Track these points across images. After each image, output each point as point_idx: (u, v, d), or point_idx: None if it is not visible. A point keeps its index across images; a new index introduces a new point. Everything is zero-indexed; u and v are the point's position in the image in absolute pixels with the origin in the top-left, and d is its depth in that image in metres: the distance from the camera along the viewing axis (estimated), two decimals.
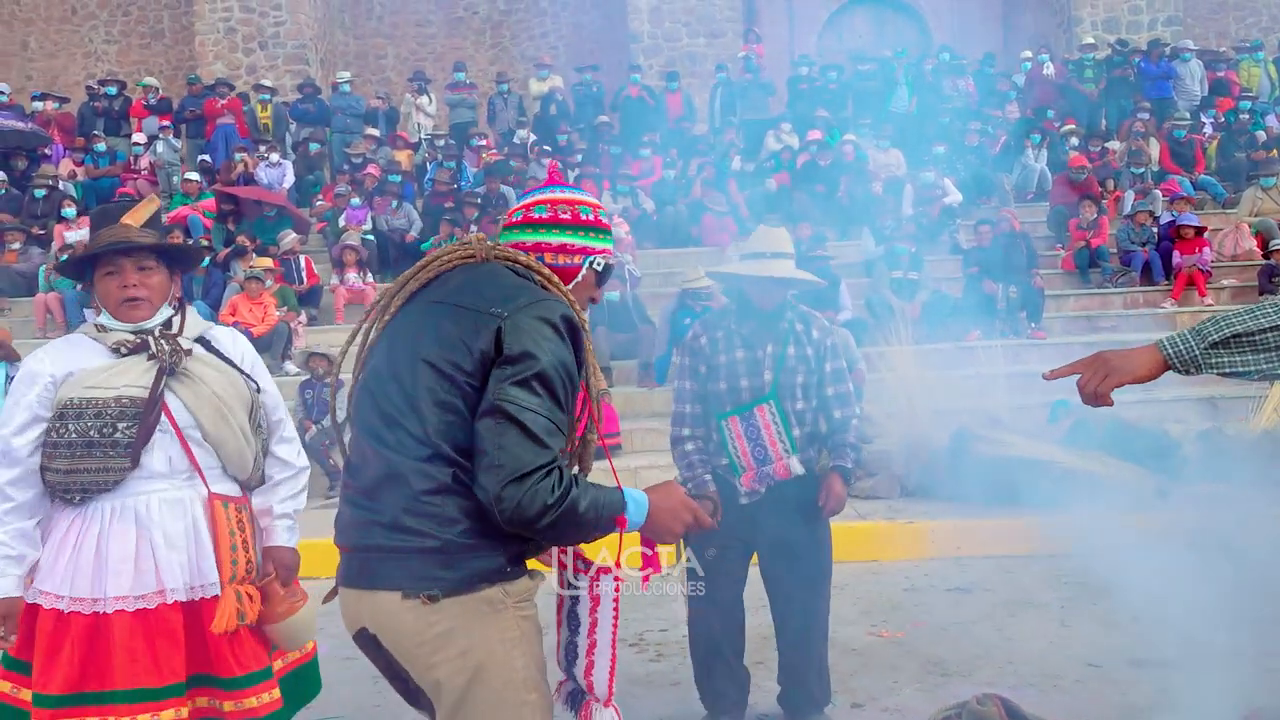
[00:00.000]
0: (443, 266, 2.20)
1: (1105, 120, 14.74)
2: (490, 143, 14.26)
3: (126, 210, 2.75)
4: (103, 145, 14.05)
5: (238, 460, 2.78)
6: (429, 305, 2.14)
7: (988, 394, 8.02)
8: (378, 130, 14.37)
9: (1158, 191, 12.23)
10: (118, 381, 2.64)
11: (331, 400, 2.49)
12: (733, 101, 14.77)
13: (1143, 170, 12.69)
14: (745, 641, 3.85)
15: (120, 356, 2.68)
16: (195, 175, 12.89)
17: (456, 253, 2.21)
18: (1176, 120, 13.63)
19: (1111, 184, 12.53)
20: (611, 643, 2.21)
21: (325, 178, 14.00)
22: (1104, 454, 6.88)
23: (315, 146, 14.11)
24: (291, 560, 2.90)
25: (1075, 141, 13.20)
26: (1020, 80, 15.10)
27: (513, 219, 2.28)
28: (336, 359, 2.36)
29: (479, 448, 1.97)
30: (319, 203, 12.85)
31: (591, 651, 2.22)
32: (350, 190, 12.25)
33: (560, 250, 2.23)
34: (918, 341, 8.97)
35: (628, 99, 14.87)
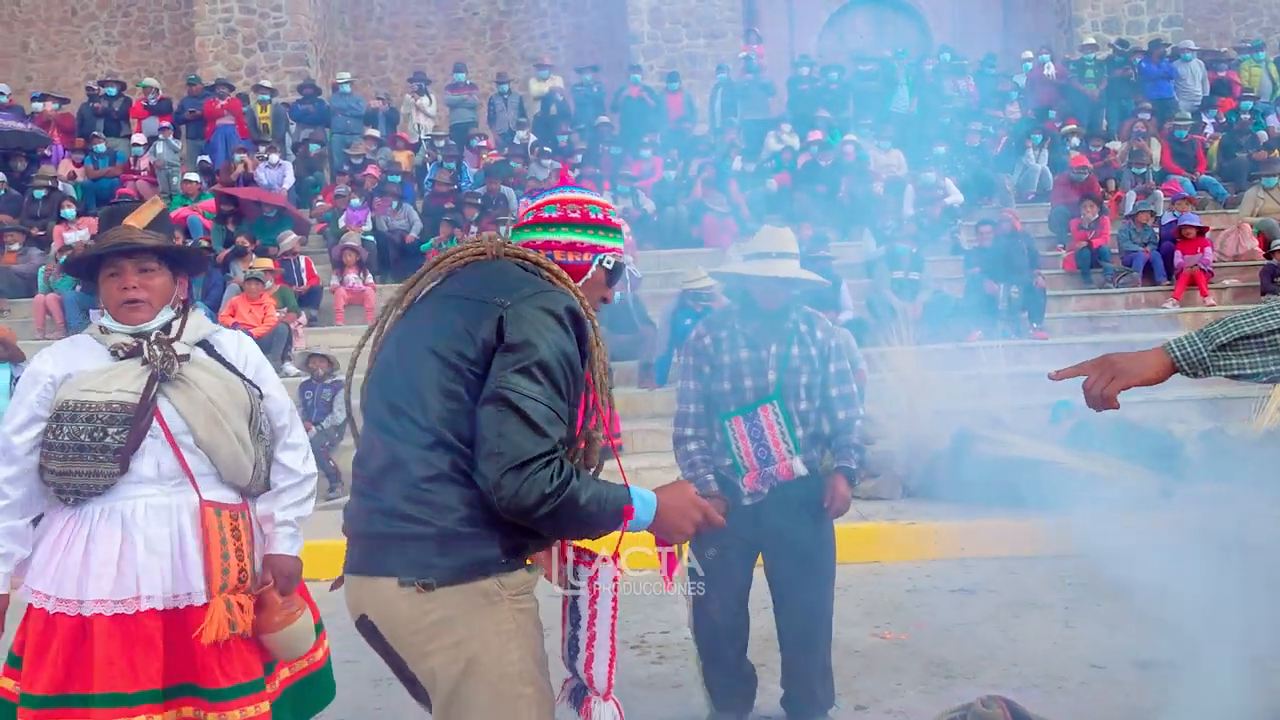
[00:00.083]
0: (455, 264, 2.25)
1: (1106, 120, 14.74)
2: (490, 143, 14.25)
3: (132, 211, 2.74)
4: (102, 146, 14.05)
5: (233, 467, 2.73)
6: (438, 300, 2.20)
7: (989, 395, 8.01)
8: (378, 131, 14.36)
9: (1159, 192, 12.22)
10: (111, 386, 2.62)
11: (346, 394, 2.44)
12: (733, 102, 14.76)
13: (1144, 170, 12.67)
14: (749, 642, 3.82)
15: (118, 360, 2.67)
16: (195, 176, 12.88)
17: (468, 250, 2.26)
18: (1178, 120, 13.62)
19: (1113, 184, 12.53)
20: (611, 635, 2.22)
21: (325, 178, 13.98)
22: (1106, 454, 6.86)
23: (315, 147, 14.11)
24: (292, 569, 2.84)
25: (1076, 142, 13.19)
26: (1021, 80, 15.09)
27: (523, 219, 2.32)
28: (353, 354, 2.36)
29: (480, 435, 2.00)
30: (319, 203, 12.83)
31: (591, 644, 2.23)
32: (350, 191, 12.24)
33: (569, 248, 2.27)
34: (919, 342, 8.96)
35: (628, 99, 14.85)
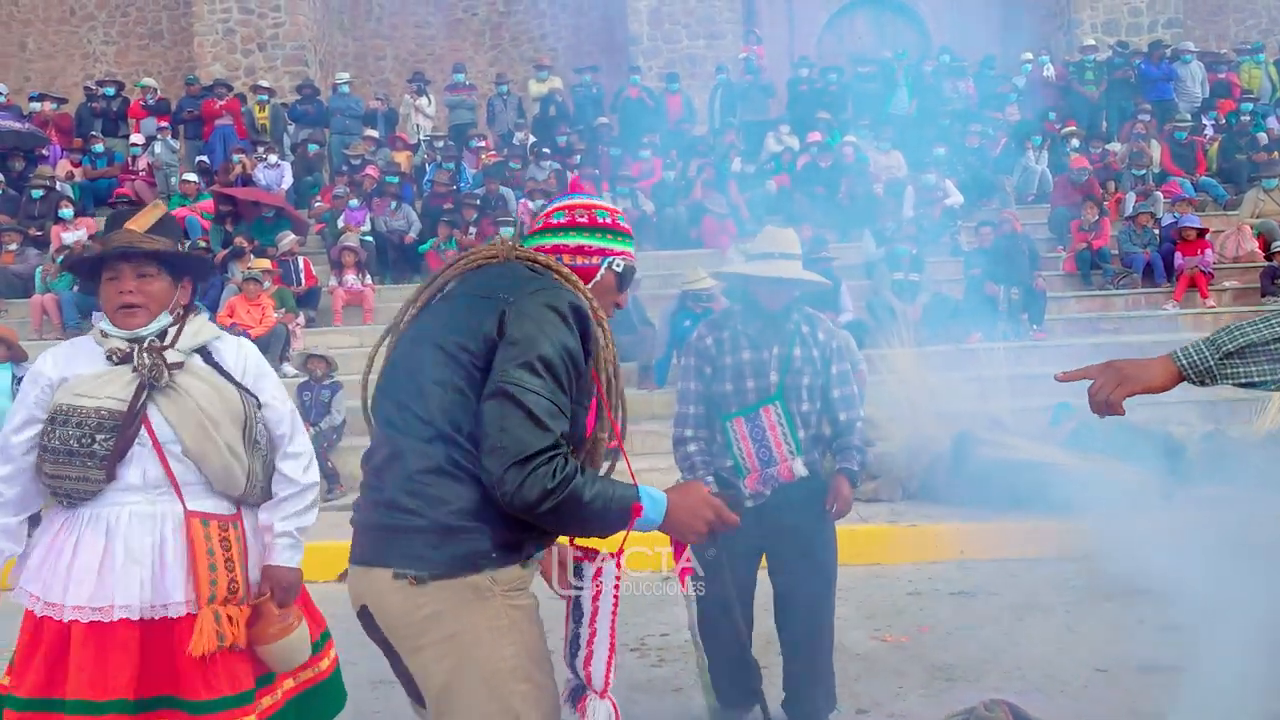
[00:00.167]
0: (468, 266, 2.29)
1: (1106, 122, 14.72)
2: (489, 144, 14.22)
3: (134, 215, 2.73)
4: (100, 146, 14.01)
5: (224, 476, 2.67)
6: (448, 300, 2.24)
7: (990, 396, 7.99)
8: (376, 131, 14.33)
9: (1159, 193, 12.21)
10: (102, 392, 2.60)
11: (363, 393, 2.34)
12: (733, 103, 14.74)
13: (1144, 172, 12.66)
14: (753, 640, 3.79)
15: (113, 364, 2.65)
16: (193, 176, 12.85)
17: (481, 253, 2.30)
18: (1178, 122, 13.61)
19: (1113, 186, 12.52)
20: (611, 633, 2.22)
21: (324, 179, 13.95)
22: (1107, 456, 6.84)
23: (314, 148, 14.08)
24: (290, 580, 2.77)
25: (1076, 143, 13.16)
26: (1021, 82, 15.07)
27: (534, 226, 2.38)
28: (370, 353, 2.35)
29: (483, 430, 2.02)
30: (317, 204, 12.79)
31: (591, 641, 2.23)
32: (349, 191, 12.21)
33: (578, 251, 2.31)
34: (919, 343, 8.94)
35: (627, 100, 14.83)
